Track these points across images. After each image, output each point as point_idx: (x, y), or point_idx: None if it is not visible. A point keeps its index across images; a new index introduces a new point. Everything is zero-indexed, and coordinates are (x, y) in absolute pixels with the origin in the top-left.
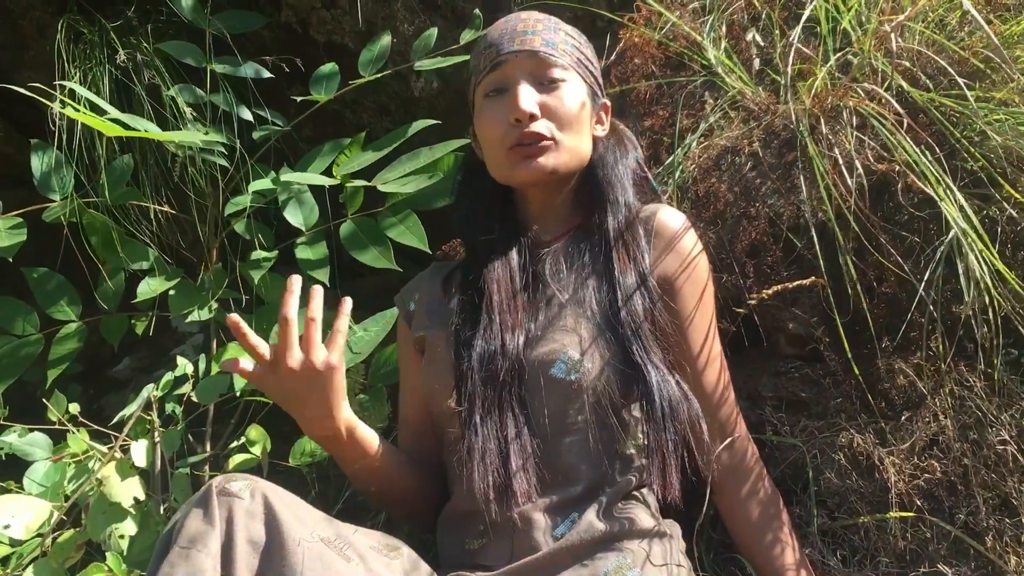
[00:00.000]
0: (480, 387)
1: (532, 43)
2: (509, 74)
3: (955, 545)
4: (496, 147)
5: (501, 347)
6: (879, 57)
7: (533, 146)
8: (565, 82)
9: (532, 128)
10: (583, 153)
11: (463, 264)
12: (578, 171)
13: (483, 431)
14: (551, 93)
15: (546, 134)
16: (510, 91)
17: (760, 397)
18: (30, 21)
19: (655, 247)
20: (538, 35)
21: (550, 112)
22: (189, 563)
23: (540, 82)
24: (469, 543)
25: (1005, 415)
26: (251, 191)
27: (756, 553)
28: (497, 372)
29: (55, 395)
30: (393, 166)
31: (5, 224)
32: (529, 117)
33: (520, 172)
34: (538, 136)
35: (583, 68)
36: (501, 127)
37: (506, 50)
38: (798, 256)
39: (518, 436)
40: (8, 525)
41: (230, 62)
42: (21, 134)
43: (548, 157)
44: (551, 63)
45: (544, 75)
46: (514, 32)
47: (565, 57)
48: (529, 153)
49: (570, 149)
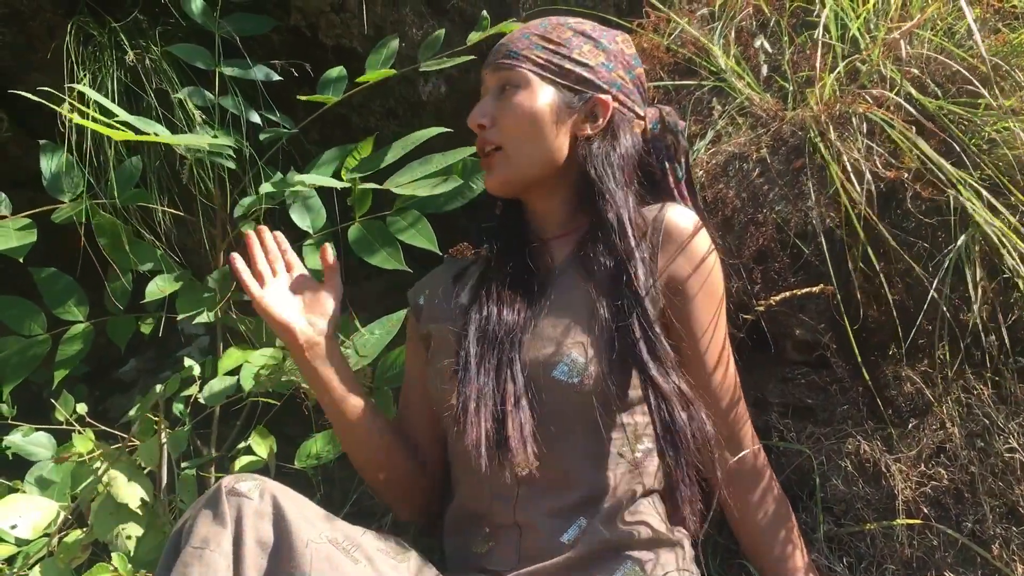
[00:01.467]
0: (477, 348)
1: (497, 55)
2: (485, 87)
3: (962, 553)
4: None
5: (498, 315)
6: (888, 64)
7: (488, 157)
8: (519, 89)
9: (483, 136)
10: (547, 156)
11: (475, 262)
12: (553, 175)
13: (478, 383)
14: (503, 102)
15: (494, 141)
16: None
17: (767, 403)
18: (40, 23)
19: (664, 248)
20: (504, 45)
21: (498, 121)
22: (203, 563)
23: (500, 91)
24: (475, 547)
25: (1013, 423)
26: (260, 193)
27: (763, 558)
28: (493, 334)
29: (63, 395)
30: (404, 171)
31: (15, 225)
32: (478, 127)
33: (485, 183)
34: (488, 143)
35: (553, 70)
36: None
37: (486, 65)
38: (806, 262)
39: (516, 401)
40: (15, 525)
41: (239, 65)
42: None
43: (499, 168)
44: (507, 70)
45: (502, 84)
46: (498, 46)
47: (525, 64)
48: (486, 164)
49: (522, 155)
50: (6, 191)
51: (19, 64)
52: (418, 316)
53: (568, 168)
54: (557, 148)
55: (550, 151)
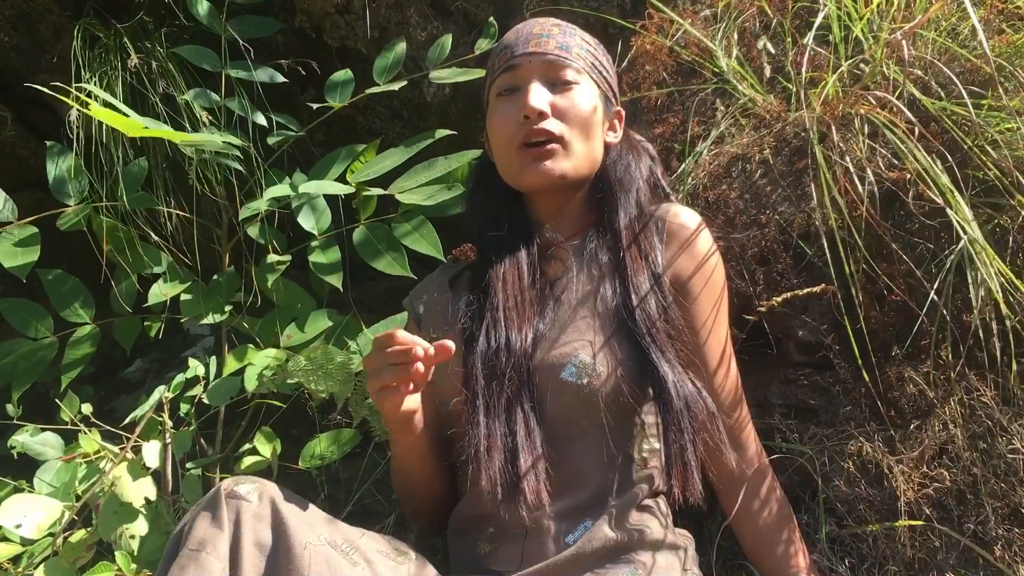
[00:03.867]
0: (484, 384)
1: (546, 46)
2: (522, 75)
3: (964, 554)
4: (506, 146)
5: (506, 344)
6: (891, 65)
7: (542, 147)
8: (578, 84)
9: (541, 125)
10: (594, 157)
11: (472, 265)
12: (589, 176)
13: (490, 427)
14: (563, 94)
15: (555, 132)
16: (522, 90)
17: (769, 404)
18: (47, 25)
19: (668, 247)
20: (552, 38)
21: (561, 112)
22: (198, 565)
23: (553, 83)
24: (480, 547)
25: (1015, 424)
26: (267, 197)
27: (765, 560)
28: (502, 369)
29: (68, 396)
30: (408, 175)
31: (19, 235)
32: (539, 114)
33: (529, 175)
34: (546, 133)
35: (596, 73)
36: (512, 125)
37: (520, 52)
38: (808, 263)
39: (528, 436)
40: (20, 524)
41: (245, 67)
42: (36, 138)
43: (557, 160)
44: (564, 65)
45: (557, 77)
46: (529, 35)
47: (579, 61)
48: (538, 155)
49: (580, 152)
50: (13, 193)
51: (26, 66)
52: (419, 324)
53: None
54: (599, 151)
55: (597, 152)
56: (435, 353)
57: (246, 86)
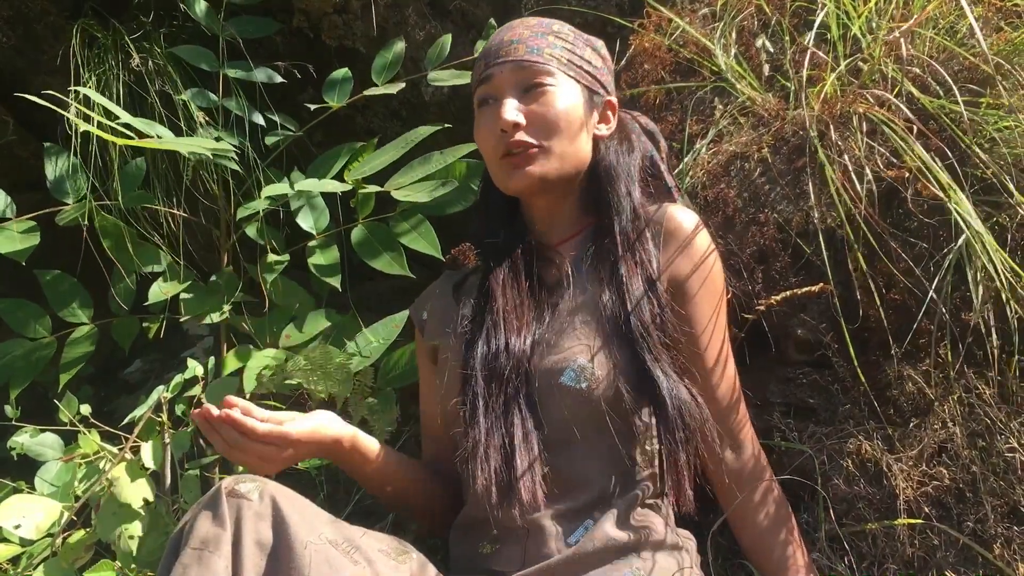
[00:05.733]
0: (483, 386)
1: (516, 52)
2: (496, 85)
3: (963, 552)
4: (490, 157)
5: (505, 347)
6: (889, 63)
7: (520, 155)
8: (552, 86)
9: (517, 137)
10: (579, 155)
11: (474, 271)
12: (577, 174)
13: (486, 427)
14: (536, 100)
15: (532, 142)
16: (499, 100)
17: (768, 403)
18: (45, 25)
19: (665, 248)
20: (523, 43)
21: (535, 119)
22: (202, 564)
23: (526, 89)
24: (482, 547)
25: (1014, 422)
26: (265, 196)
27: (764, 559)
28: (501, 371)
29: (67, 396)
30: (404, 171)
31: (19, 227)
32: (513, 127)
33: (512, 181)
34: (523, 144)
35: (575, 69)
36: (492, 137)
37: (492, 62)
38: (807, 262)
39: (525, 438)
40: (19, 525)
41: (243, 67)
42: (35, 137)
43: (536, 164)
44: (535, 70)
45: (529, 82)
46: (501, 44)
47: (551, 62)
48: (517, 162)
49: (560, 154)
50: (13, 193)
51: (25, 66)
52: (423, 331)
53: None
54: (585, 147)
55: (582, 150)
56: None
57: (245, 86)
